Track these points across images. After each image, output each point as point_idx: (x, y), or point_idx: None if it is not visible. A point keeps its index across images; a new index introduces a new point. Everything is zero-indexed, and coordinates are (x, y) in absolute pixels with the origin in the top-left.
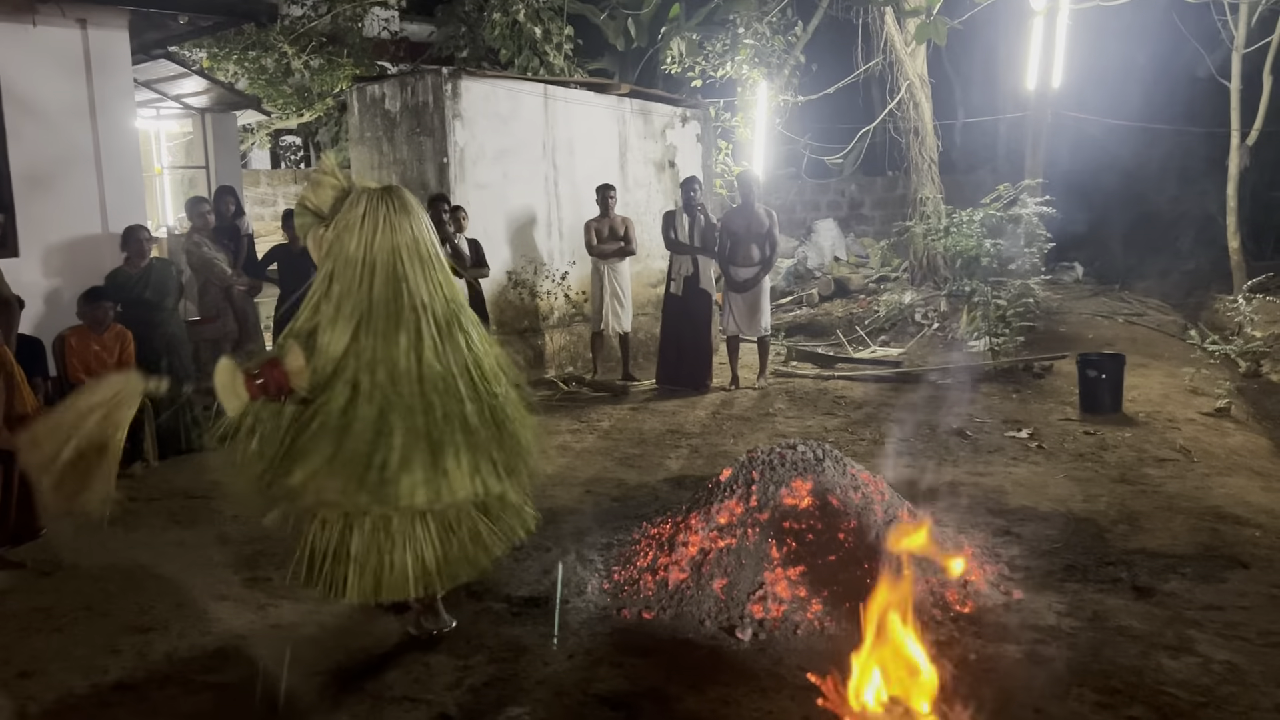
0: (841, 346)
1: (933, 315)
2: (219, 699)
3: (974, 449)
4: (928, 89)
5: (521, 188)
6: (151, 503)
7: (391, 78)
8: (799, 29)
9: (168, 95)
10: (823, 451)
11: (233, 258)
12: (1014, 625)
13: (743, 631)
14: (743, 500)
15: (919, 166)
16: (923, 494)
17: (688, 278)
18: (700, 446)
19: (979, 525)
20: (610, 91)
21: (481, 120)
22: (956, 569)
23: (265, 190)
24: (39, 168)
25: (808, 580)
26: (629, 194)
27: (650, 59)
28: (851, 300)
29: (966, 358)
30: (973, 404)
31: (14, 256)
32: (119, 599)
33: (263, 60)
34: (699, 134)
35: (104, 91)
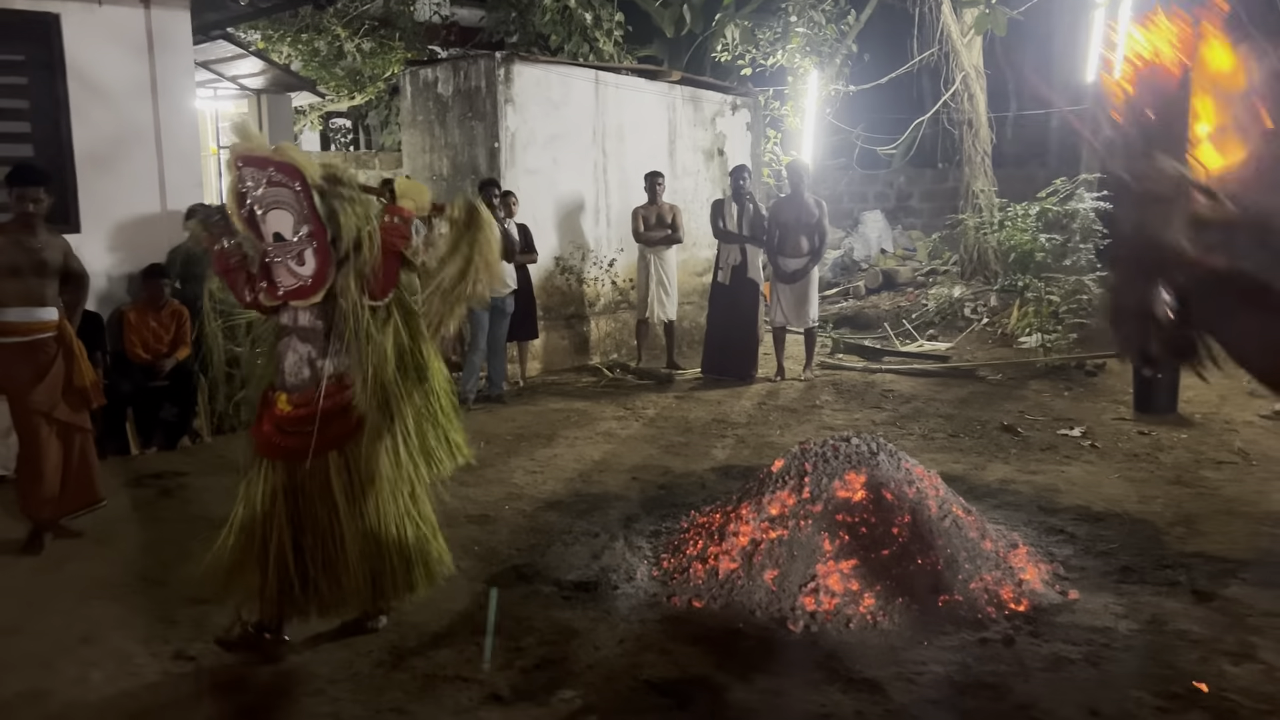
0: (889, 340)
1: (982, 310)
2: (276, 673)
3: (1025, 446)
4: (983, 80)
5: (571, 174)
6: (205, 477)
7: (444, 62)
8: (852, 18)
9: (224, 76)
10: (877, 445)
11: None
12: (1070, 625)
13: (794, 623)
14: (795, 492)
15: (972, 159)
16: (974, 490)
17: (735, 267)
18: (746, 437)
19: (1032, 524)
20: (661, 78)
21: (533, 106)
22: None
23: None
24: (101, 146)
25: (861, 574)
26: (677, 181)
27: (700, 46)
28: (899, 293)
29: (1017, 354)
30: (1024, 401)
31: (76, 232)
32: (175, 571)
33: (316, 43)
34: (748, 122)
35: (165, 71)
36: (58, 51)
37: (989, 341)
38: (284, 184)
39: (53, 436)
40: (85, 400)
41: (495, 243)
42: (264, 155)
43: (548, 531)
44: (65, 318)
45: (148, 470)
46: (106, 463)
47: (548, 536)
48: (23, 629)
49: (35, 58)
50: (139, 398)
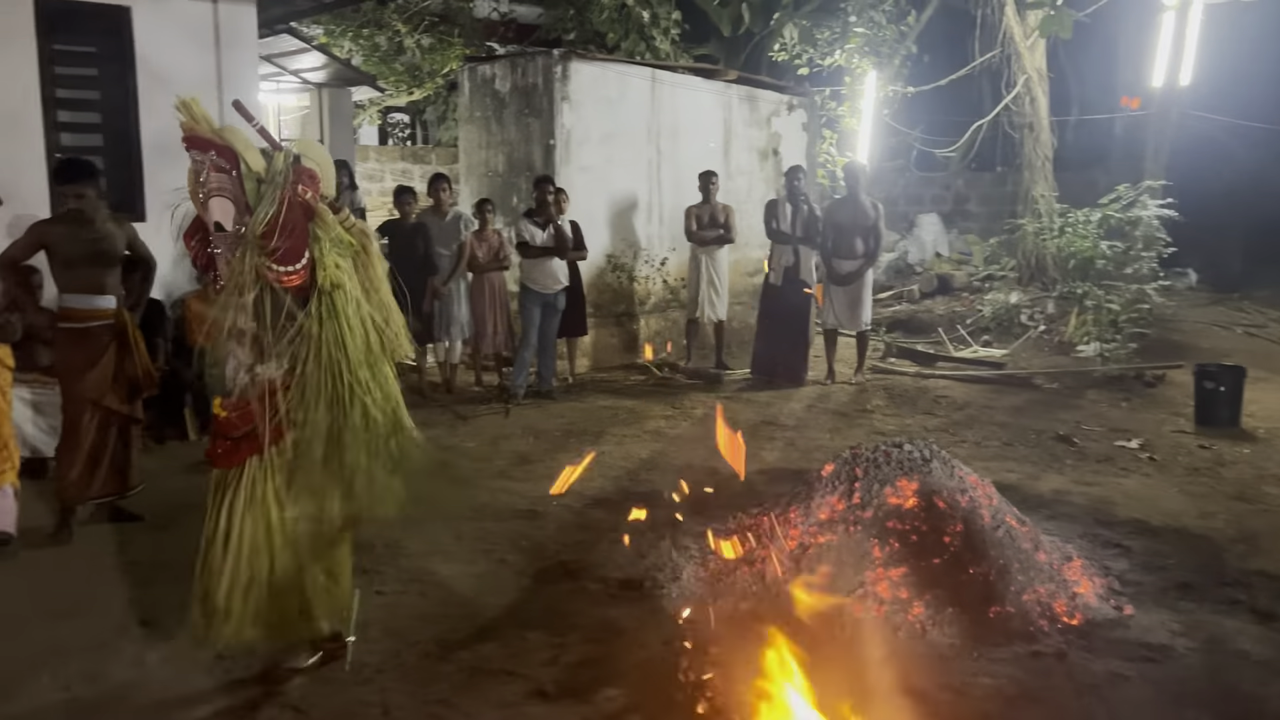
0: (942, 345)
1: (1039, 317)
2: (325, 660)
3: (1081, 457)
4: (1045, 83)
5: (624, 172)
6: None
7: (502, 58)
8: (912, 18)
9: (287, 70)
10: (930, 452)
11: None
12: (1125, 641)
13: (841, 630)
14: (845, 497)
15: (1032, 163)
16: (1028, 501)
17: (788, 268)
18: (795, 439)
19: (1087, 536)
20: (717, 77)
21: (589, 103)
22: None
23: (374, 166)
24: (167, 137)
25: (910, 582)
26: (731, 181)
27: (758, 45)
28: (954, 298)
29: (1074, 362)
30: (1080, 410)
31: (142, 221)
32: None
33: (376, 38)
34: (804, 122)
35: (230, 64)
36: (128, 44)
37: (1045, 349)
38: (224, 169)
39: (94, 422)
40: (136, 389)
41: (382, 279)
42: (207, 137)
43: (595, 528)
44: (124, 307)
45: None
46: (166, 448)
47: (595, 533)
48: (83, 611)
49: (106, 50)
50: (199, 384)
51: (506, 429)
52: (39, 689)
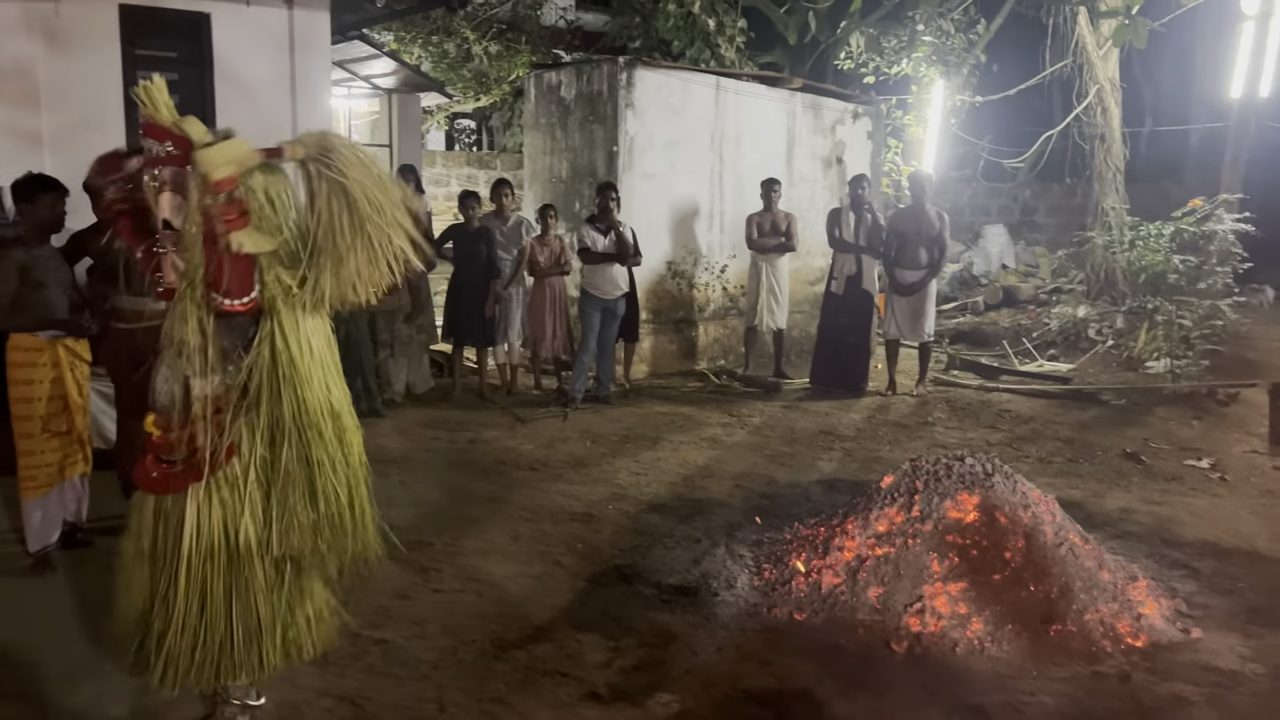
0: (1007, 358)
1: (1108, 332)
2: (385, 654)
3: (1148, 475)
4: (1118, 94)
5: (687, 178)
6: None
7: (568, 66)
8: (982, 27)
9: (358, 75)
10: (992, 466)
11: None
12: (1191, 665)
13: (898, 643)
14: (904, 509)
15: (1103, 175)
16: (1092, 519)
17: (850, 277)
18: (854, 450)
19: (1153, 556)
20: (782, 85)
21: (652, 110)
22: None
23: (440, 171)
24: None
25: (969, 597)
26: (793, 189)
27: (824, 54)
28: (1019, 310)
29: (1143, 378)
30: (1148, 428)
31: None
32: None
33: (445, 45)
34: (869, 131)
35: (304, 70)
36: (207, 49)
37: (1113, 364)
38: (178, 161)
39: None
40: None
41: (373, 179)
42: (164, 126)
43: (650, 533)
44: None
45: None
46: None
47: (650, 538)
48: None
49: (186, 54)
50: None
51: (564, 432)
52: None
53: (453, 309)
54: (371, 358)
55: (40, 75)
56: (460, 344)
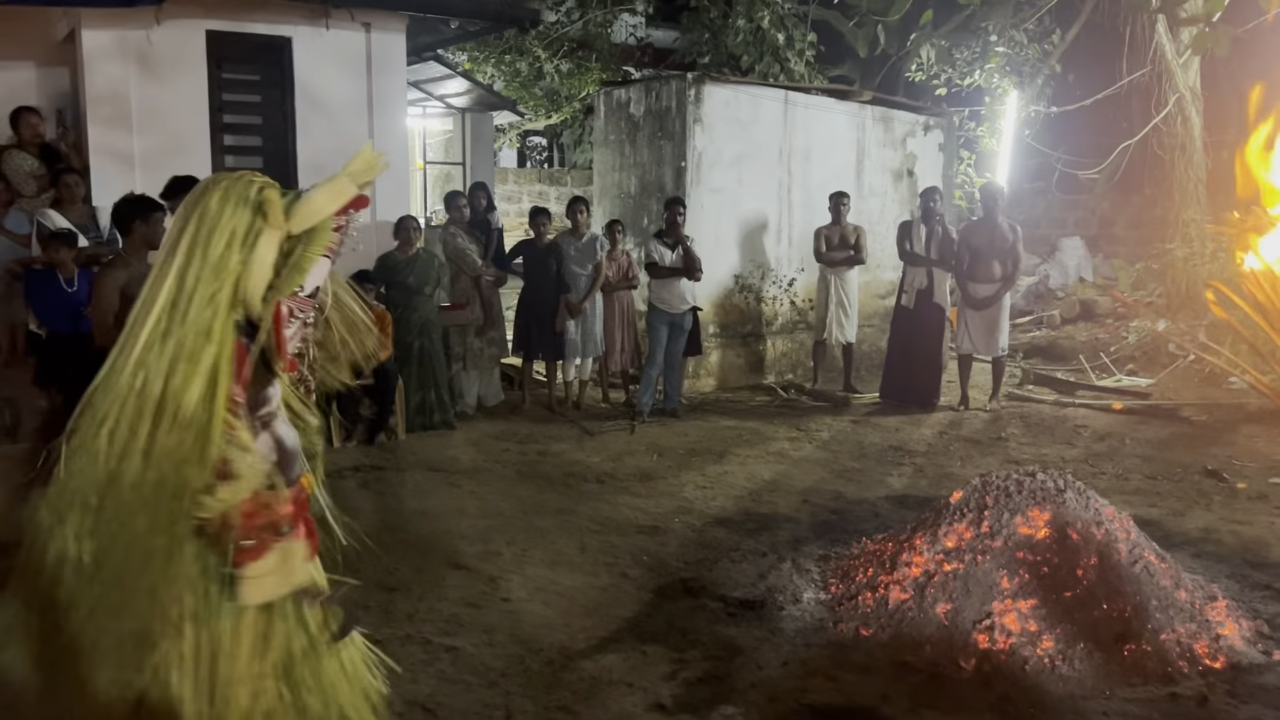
0: (1084, 373)
1: (1189, 346)
2: (454, 661)
3: (1231, 494)
4: (1199, 103)
5: (755, 193)
6: (399, 473)
7: (637, 82)
8: (1056, 37)
9: (433, 95)
10: (1064, 482)
11: (483, 249)
12: (1274, 688)
13: (966, 661)
14: (973, 525)
15: (1183, 186)
16: (1171, 538)
17: (921, 290)
18: (924, 466)
19: (1234, 577)
20: (851, 98)
21: (720, 125)
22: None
23: (512, 188)
24: (321, 158)
25: (1040, 615)
26: (863, 202)
27: (893, 66)
28: (1097, 324)
29: (1226, 395)
30: (1232, 446)
31: None
32: (368, 558)
33: (518, 64)
34: (941, 143)
35: (381, 90)
36: (288, 71)
37: (1195, 380)
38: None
39: None
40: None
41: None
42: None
43: (716, 547)
44: None
45: (347, 463)
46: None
47: (716, 552)
48: None
49: (268, 76)
50: (343, 394)
51: (631, 445)
52: None
53: (523, 323)
54: (445, 371)
55: (133, 99)
56: (530, 357)
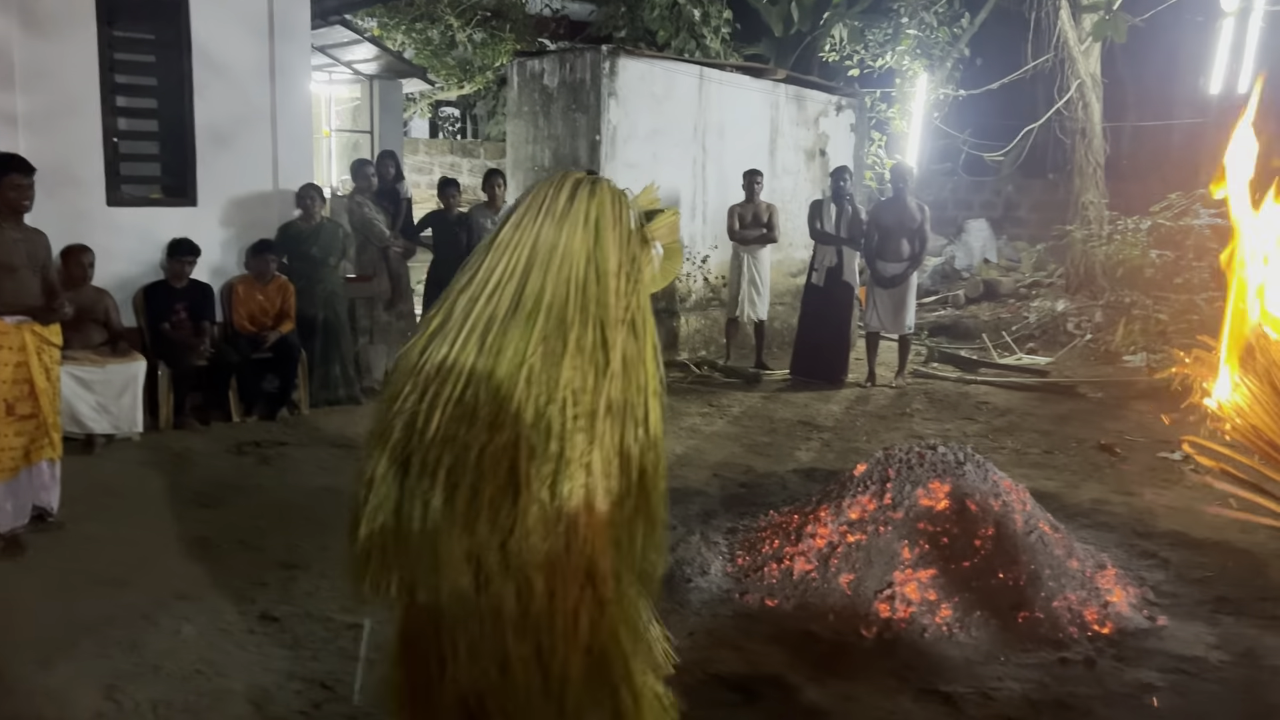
0: (986, 351)
1: (1086, 325)
2: (357, 638)
3: (1122, 467)
4: (1099, 89)
5: (670, 169)
6: (302, 448)
7: (551, 54)
8: (966, 21)
9: (340, 61)
10: (964, 455)
11: (391, 220)
12: (1157, 652)
13: (868, 629)
14: (876, 497)
15: (1083, 170)
16: (1066, 509)
17: (831, 269)
18: (832, 441)
19: (1124, 546)
20: (766, 76)
21: (635, 100)
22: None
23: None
24: (220, 124)
25: (939, 584)
26: (776, 180)
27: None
28: (1000, 304)
29: (1121, 372)
30: (1124, 421)
31: (192, 206)
32: (269, 535)
33: (429, 31)
34: (853, 124)
35: (284, 54)
36: (185, 31)
37: (1091, 358)
38: None
39: None
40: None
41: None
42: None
43: None
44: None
45: (248, 438)
46: (210, 429)
47: None
48: (130, 581)
49: (163, 36)
50: (243, 368)
51: None
52: (81, 655)
53: (433, 297)
54: (351, 344)
55: (15, 56)
56: None
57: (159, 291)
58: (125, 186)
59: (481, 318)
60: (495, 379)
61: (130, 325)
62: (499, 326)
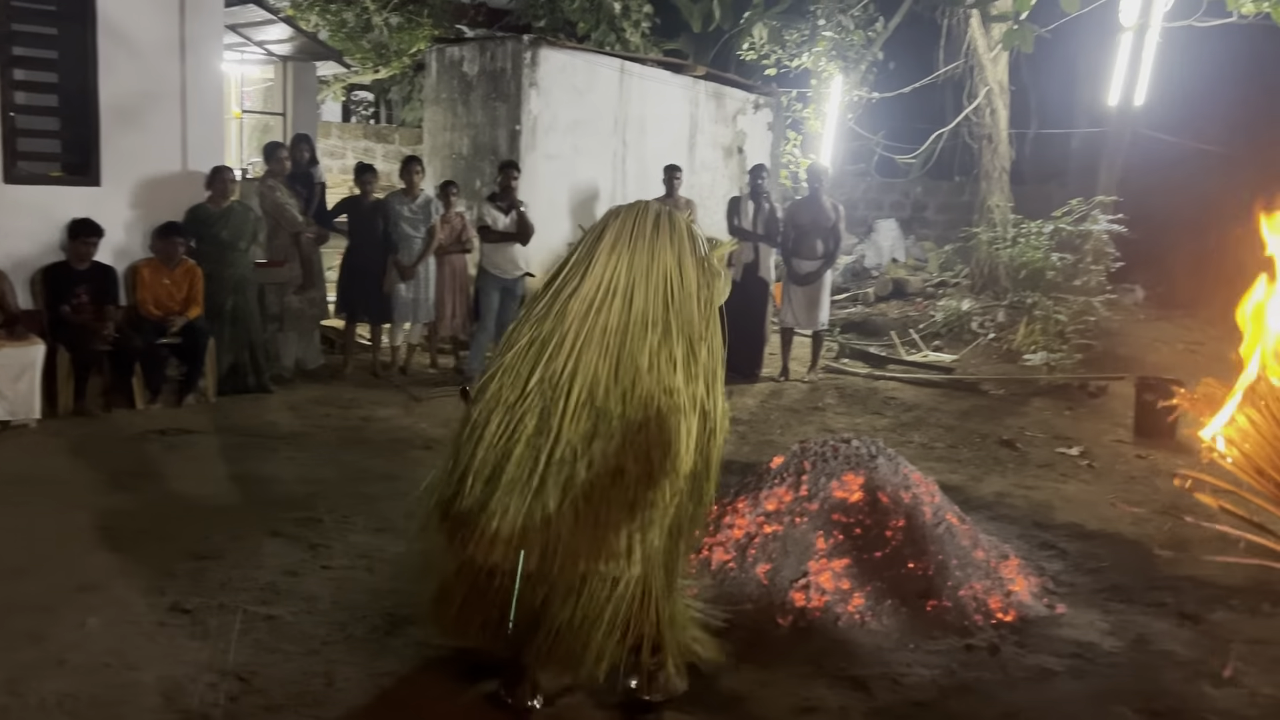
0: (895, 348)
1: (990, 325)
2: (272, 630)
3: (1023, 462)
4: (1006, 96)
5: (590, 161)
6: (209, 436)
7: (471, 41)
8: (880, 25)
9: (252, 40)
10: (877, 448)
11: (304, 204)
12: (1055, 638)
13: (784, 618)
14: (792, 489)
15: (989, 174)
16: (970, 501)
17: (747, 265)
18: (747, 434)
19: (1025, 537)
20: (686, 72)
21: (556, 91)
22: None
23: (336, 143)
24: (127, 101)
25: (852, 574)
26: (695, 176)
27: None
28: (908, 303)
29: (1021, 370)
30: (1025, 417)
31: (95, 185)
32: (177, 525)
33: (344, 13)
34: (770, 122)
35: (195, 31)
36: (90, 3)
37: (994, 356)
38: None
39: None
40: None
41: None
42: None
43: None
44: None
45: (153, 426)
46: (113, 416)
47: None
48: (29, 571)
49: (66, 8)
50: (148, 353)
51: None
52: None
53: (347, 284)
54: (261, 331)
55: None
56: (354, 320)
57: (59, 273)
58: (23, 163)
59: (596, 327)
60: (624, 380)
61: (28, 308)
62: (615, 337)
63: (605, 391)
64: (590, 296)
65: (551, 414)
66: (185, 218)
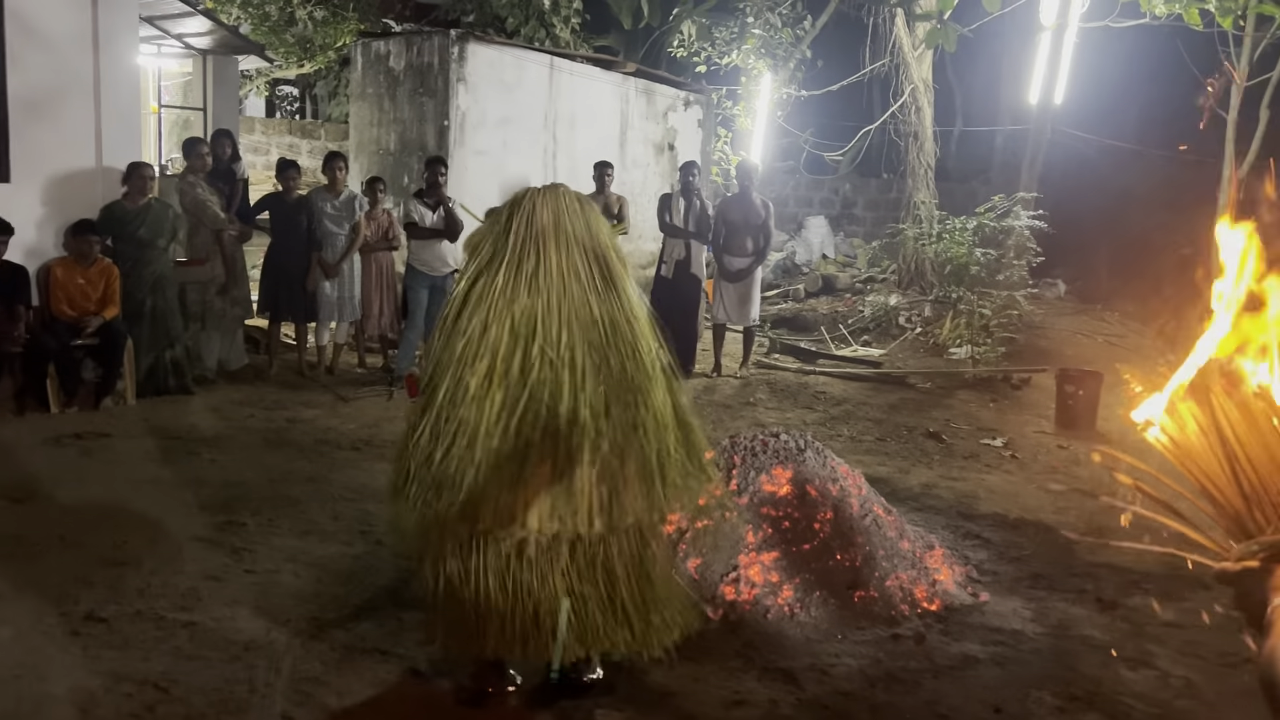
0: (824, 343)
1: (916, 319)
2: (193, 637)
3: (948, 453)
4: (931, 94)
5: (520, 158)
6: (127, 440)
7: (398, 36)
8: (808, 23)
9: (170, 33)
10: (805, 442)
11: (226, 202)
12: (980, 626)
13: (714, 611)
14: (723, 483)
15: (915, 171)
16: (897, 493)
17: (679, 261)
18: None
19: (949, 527)
20: (616, 69)
21: (485, 87)
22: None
23: (259, 138)
24: (37, 94)
25: (781, 566)
26: (626, 173)
27: (657, 40)
28: (837, 298)
29: (947, 364)
30: (950, 410)
31: (4, 181)
32: (92, 531)
33: (266, 6)
34: (700, 119)
35: (108, 22)
36: None
37: (921, 350)
38: None
39: None
40: None
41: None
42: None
43: None
44: None
45: (68, 430)
46: (25, 419)
47: None
48: None
49: None
50: (63, 355)
51: (390, 412)
52: None
53: (270, 283)
54: (182, 331)
55: None
56: (278, 319)
57: None
58: None
59: (567, 295)
60: (613, 338)
61: None
62: (585, 301)
63: (604, 350)
64: (556, 270)
65: (562, 382)
66: (100, 215)
